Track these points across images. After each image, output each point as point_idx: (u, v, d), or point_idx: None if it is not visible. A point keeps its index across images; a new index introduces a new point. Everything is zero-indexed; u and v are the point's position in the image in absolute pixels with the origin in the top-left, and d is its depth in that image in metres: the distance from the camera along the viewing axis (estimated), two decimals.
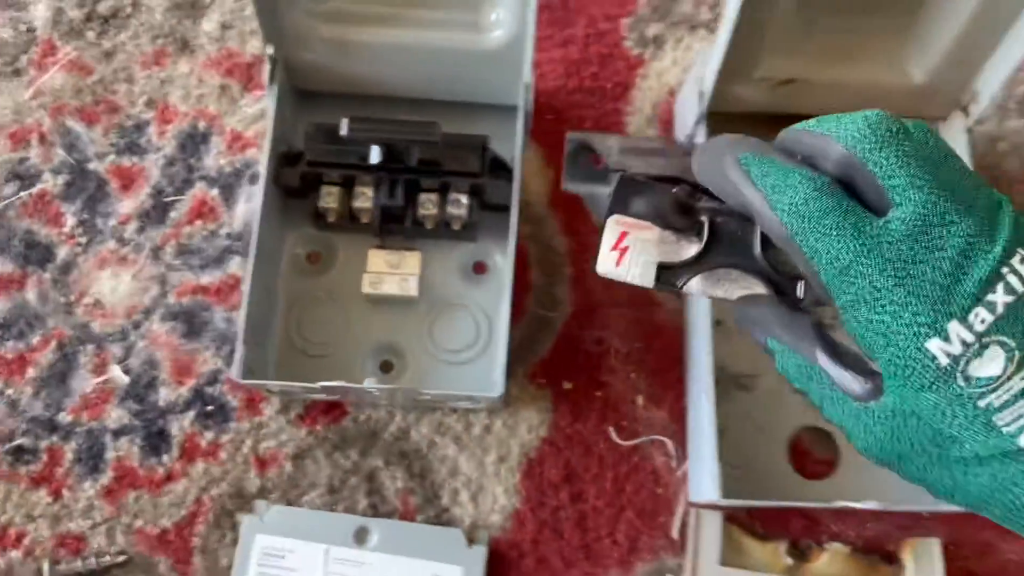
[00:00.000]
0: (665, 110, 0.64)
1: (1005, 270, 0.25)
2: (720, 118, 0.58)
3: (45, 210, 0.60)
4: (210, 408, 0.57)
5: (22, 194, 0.60)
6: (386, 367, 0.58)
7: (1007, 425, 0.25)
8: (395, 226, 0.58)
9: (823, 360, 0.29)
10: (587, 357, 0.59)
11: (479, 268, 0.60)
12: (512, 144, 0.57)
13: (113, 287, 0.59)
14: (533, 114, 0.63)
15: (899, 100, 0.57)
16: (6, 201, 0.60)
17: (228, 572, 0.54)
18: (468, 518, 0.56)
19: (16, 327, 0.58)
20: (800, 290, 0.31)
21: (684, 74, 0.65)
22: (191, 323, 0.59)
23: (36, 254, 0.59)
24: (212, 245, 0.60)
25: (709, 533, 0.55)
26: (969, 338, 0.25)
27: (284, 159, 0.57)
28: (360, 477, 0.56)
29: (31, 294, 0.59)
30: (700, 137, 0.57)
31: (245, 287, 0.52)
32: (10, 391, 0.57)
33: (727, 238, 0.31)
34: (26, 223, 0.60)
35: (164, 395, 0.57)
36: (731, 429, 0.58)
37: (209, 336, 0.58)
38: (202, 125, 0.62)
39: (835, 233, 0.26)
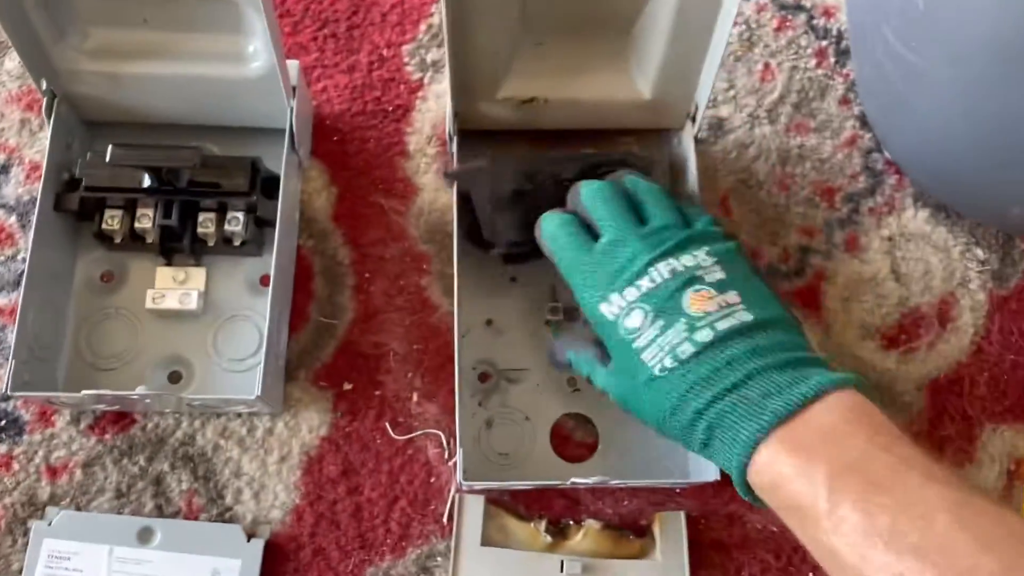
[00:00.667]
0: (443, 129, 0.69)
1: (651, 269, 0.47)
2: (475, 134, 0.64)
3: None
4: (2, 423, 0.61)
5: None
6: (174, 377, 0.62)
7: (650, 359, 0.45)
8: (178, 244, 0.62)
9: (586, 348, 0.52)
10: (367, 360, 0.64)
11: (265, 281, 0.65)
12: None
13: None
14: (315, 135, 0.68)
15: (634, 113, 0.63)
16: None
17: None
18: (250, 515, 0.60)
19: None
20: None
21: None
22: None
23: None
24: (8, 269, 0.64)
25: (471, 515, 0.60)
26: (622, 304, 0.47)
27: (67, 186, 0.61)
28: (147, 481, 0.60)
29: None
30: (454, 149, 0.62)
31: (19, 308, 0.56)
32: None
33: None
34: None
35: None
36: (499, 419, 0.63)
37: (3, 354, 0.62)
38: (1, 157, 0.66)
39: (568, 246, 0.51)
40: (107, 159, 0.57)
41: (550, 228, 0.52)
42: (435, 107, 0.70)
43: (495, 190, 0.59)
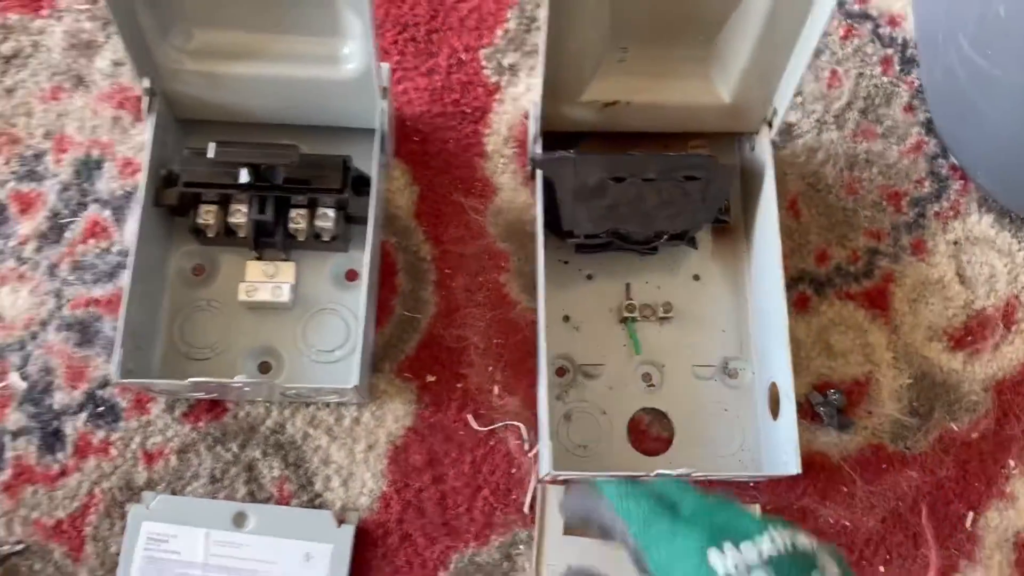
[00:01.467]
0: (520, 131, 0.72)
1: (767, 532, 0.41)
2: (556, 136, 0.66)
3: None
4: (101, 409, 0.63)
5: None
6: (264, 368, 0.65)
7: None
8: (269, 239, 0.65)
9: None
10: (449, 353, 0.66)
11: (351, 276, 0.67)
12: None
13: (12, 302, 0.65)
14: (397, 136, 0.70)
15: (713, 117, 0.66)
16: None
17: (117, 558, 0.60)
18: (339, 501, 0.62)
19: None
20: None
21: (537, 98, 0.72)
22: (84, 332, 0.64)
23: None
24: (104, 261, 0.66)
25: (554, 505, 0.62)
26: (739, 559, 0.40)
27: (165, 181, 0.63)
28: (239, 467, 0.63)
29: None
30: (538, 149, 0.64)
31: (124, 298, 0.58)
32: None
33: None
34: None
35: (59, 398, 0.63)
36: (578, 413, 0.65)
37: (100, 344, 0.64)
38: (96, 153, 0.69)
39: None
40: (210, 155, 0.59)
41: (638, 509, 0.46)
42: (511, 110, 0.72)
43: (579, 181, 0.61)
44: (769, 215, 0.64)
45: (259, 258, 0.66)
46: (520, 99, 0.73)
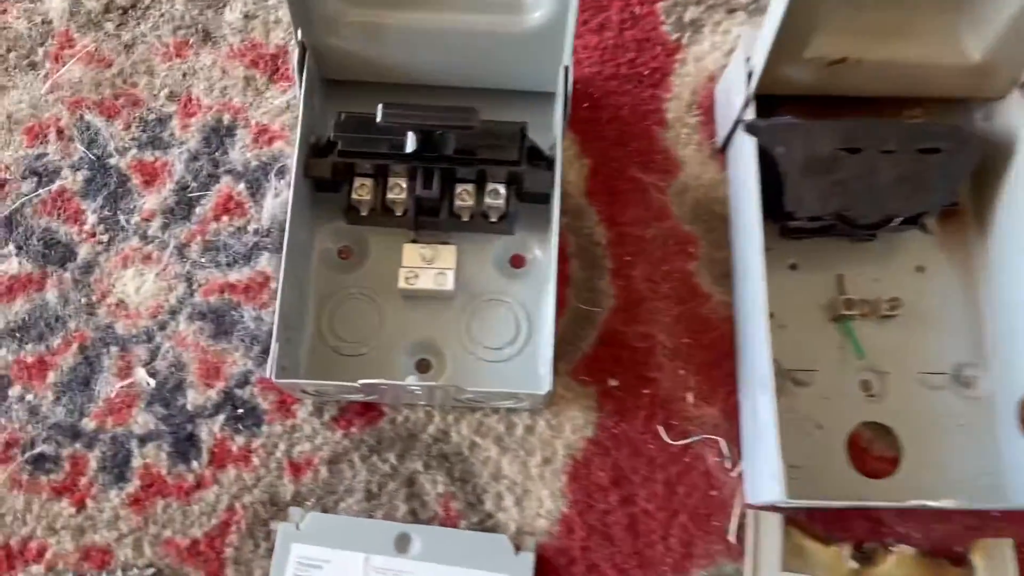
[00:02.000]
0: (705, 96, 0.62)
1: None
2: (766, 101, 0.56)
3: (64, 207, 0.58)
4: (240, 411, 0.55)
5: (40, 191, 0.59)
6: (423, 366, 0.56)
7: None
8: (430, 219, 0.56)
9: None
10: (632, 353, 0.57)
11: (517, 261, 0.58)
12: (548, 132, 0.56)
13: (137, 286, 0.57)
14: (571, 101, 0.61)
15: (954, 79, 0.56)
16: (24, 199, 0.58)
17: None
18: (513, 523, 0.54)
19: (36, 329, 0.56)
20: None
21: (724, 59, 0.63)
22: (219, 323, 0.57)
23: (56, 253, 0.58)
24: (239, 241, 0.58)
25: (769, 537, 0.53)
26: None
27: (314, 150, 0.55)
28: (399, 482, 0.54)
29: (51, 295, 0.57)
30: (749, 115, 0.55)
31: (279, 283, 0.50)
32: (30, 396, 0.55)
33: None
34: (45, 221, 0.58)
35: (192, 398, 0.55)
36: (787, 427, 0.55)
37: (238, 336, 0.56)
38: (226, 118, 0.61)
39: None
40: (379, 119, 0.51)
41: None
42: (695, 71, 0.63)
43: (808, 151, 0.52)
44: (1020, 195, 0.54)
45: (415, 240, 0.57)
46: (704, 59, 0.63)
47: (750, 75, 0.54)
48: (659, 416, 0.56)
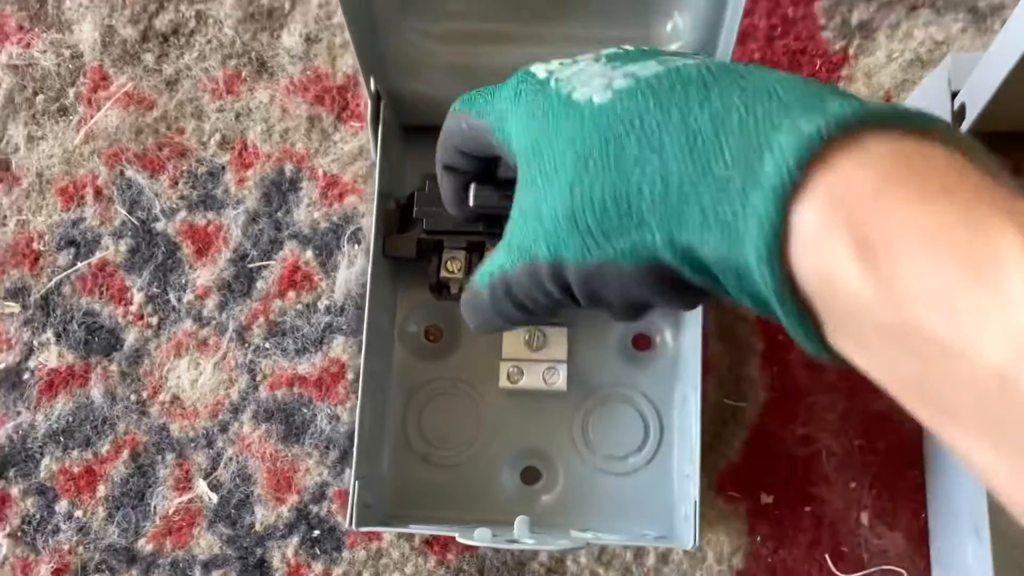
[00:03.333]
0: None
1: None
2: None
3: (107, 284, 0.50)
4: (317, 532, 0.47)
5: (79, 265, 0.51)
6: (530, 476, 0.47)
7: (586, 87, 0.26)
8: None
9: None
10: (791, 461, 0.47)
11: (641, 343, 0.48)
12: None
13: (193, 379, 0.49)
14: None
15: None
16: (62, 274, 0.50)
17: None
18: None
19: (81, 433, 0.49)
20: None
21: (904, 72, 0.50)
22: (289, 423, 0.48)
23: (99, 340, 0.50)
24: (309, 323, 0.49)
25: None
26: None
27: (393, 218, 0.45)
28: None
29: (96, 391, 0.49)
30: None
31: (359, 399, 0.41)
32: (79, 513, 0.48)
33: None
34: (86, 301, 0.50)
35: (261, 516, 0.47)
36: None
37: (312, 439, 0.48)
38: (289, 169, 0.51)
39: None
40: (470, 203, 0.40)
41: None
42: (866, 91, 0.50)
43: None
44: None
45: None
46: (879, 74, 0.50)
47: (960, 115, 0.41)
48: (826, 542, 0.46)
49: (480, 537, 0.38)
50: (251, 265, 0.50)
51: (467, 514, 0.45)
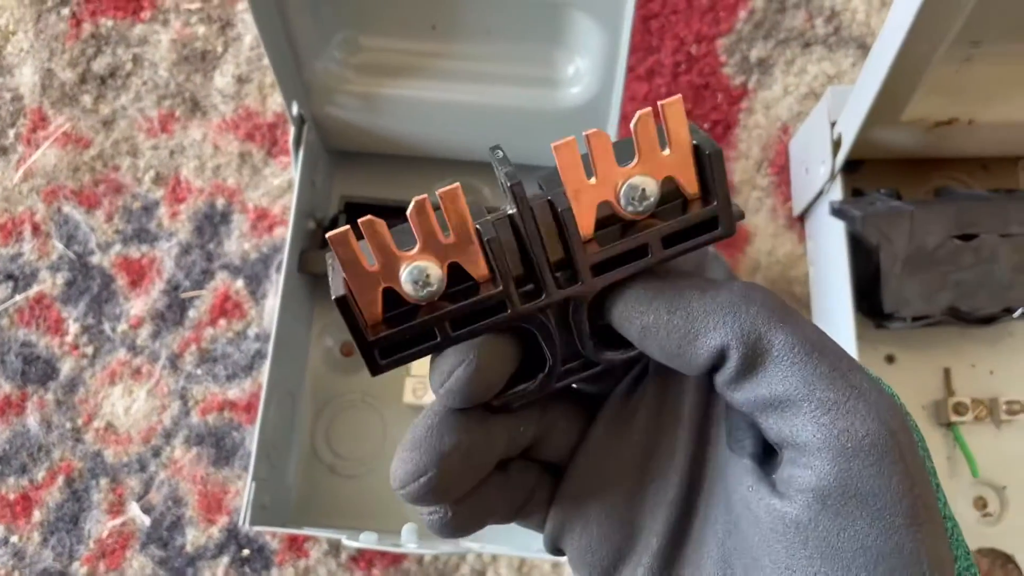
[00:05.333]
0: (779, 152, 0.54)
1: None
2: (853, 167, 0.48)
3: (44, 316, 0.53)
4: (247, 552, 0.50)
5: (16, 298, 0.53)
6: None
7: None
8: None
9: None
10: None
11: None
12: None
13: (127, 406, 0.52)
14: None
15: None
16: (0, 307, 0.53)
17: None
18: None
19: (17, 460, 0.51)
20: None
21: (800, 104, 0.55)
22: (220, 446, 0.51)
23: (36, 370, 0.52)
24: (239, 349, 0.52)
25: None
26: None
27: (314, 239, 0.49)
28: None
29: (32, 419, 0.52)
30: (835, 195, 0.47)
31: (260, 410, 0.44)
32: (14, 538, 0.50)
33: None
34: (23, 333, 0.53)
35: (192, 537, 0.50)
36: None
37: (241, 462, 0.51)
38: (221, 203, 0.54)
39: None
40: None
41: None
42: (764, 122, 0.55)
43: (915, 243, 0.44)
44: None
45: None
46: (776, 106, 0.55)
47: (837, 143, 0.46)
48: None
49: (365, 540, 0.41)
50: (183, 295, 0.53)
51: (370, 523, 0.48)
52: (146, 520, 0.50)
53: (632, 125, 0.17)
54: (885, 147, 0.47)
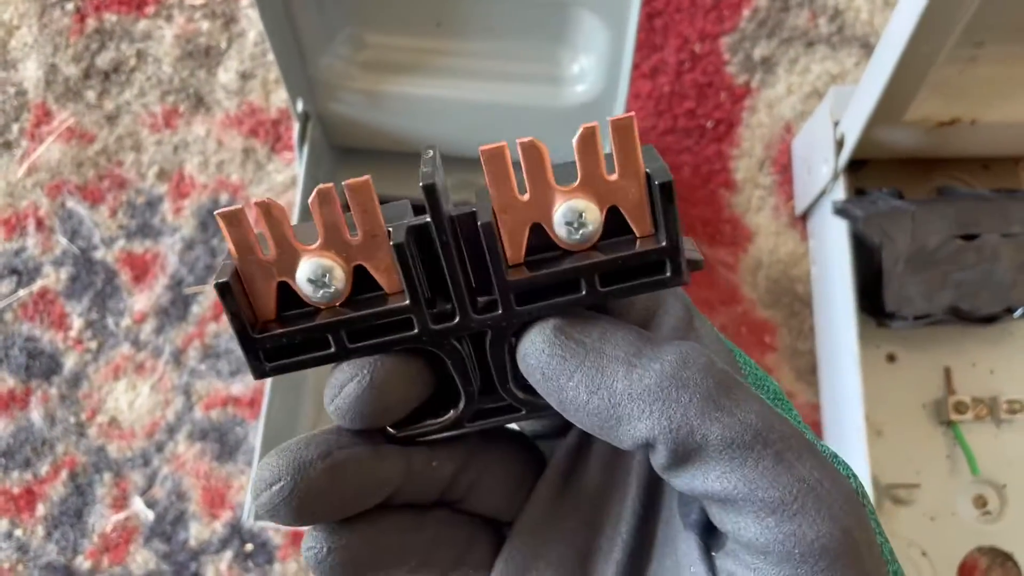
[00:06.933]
0: (781, 151, 0.55)
1: None
2: (856, 166, 0.49)
3: (48, 311, 0.54)
4: (250, 547, 0.50)
5: (20, 292, 0.54)
6: None
7: None
8: None
9: None
10: None
11: None
12: None
13: (130, 401, 0.52)
14: None
15: None
16: (3, 302, 0.54)
17: None
18: None
19: (21, 454, 0.52)
20: None
21: (803, 104, 0.55)
22: (223, 442, 0.52)
23: (40, 365, 0.53)
24: None
25: None
26: None
27: None
28: None
29: (36, 414, 0.52)
30: (838, 194, 0.48)
31: (264, 403, 0.45)
32: (19, 532, 0.51)
33: None
34: (26, 327, 0.53)
35: (195, 532, 0.50)
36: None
37: (245, 457, 0.51)
38: (224, 198, 0.55)
39: None
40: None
41: None
42: (768, 120, 0.55)
43: (916, 243, 0.45)
44: None
45: None
46: (779, 105, 0.55)
47: (840, 143, 0.46)
48: None
49: None
50: (187, 291, 0.54)
51: None
52: (150, 515, 0.51)
53: (574, 141, 0.15)
54: (887, 147, 0.48)
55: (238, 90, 0.57)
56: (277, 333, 0.16)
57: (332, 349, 0.16)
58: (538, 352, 0.16)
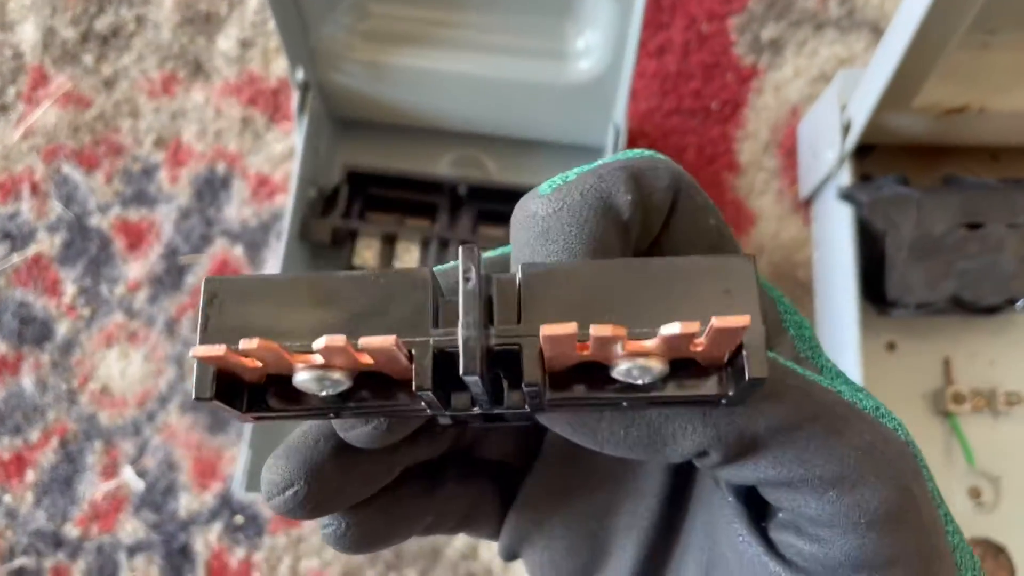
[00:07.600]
0: (787, 135, 0.54)
1: None
2: (863, 152, 0.49)
3: (41, 277, 0.53)
4: (240, 518, 0.50)
5: (14, 258, 0.54)
6: None
7: None
8: None
9: None
10: None
11: None
12: None
13: (122, 369, 0.52)
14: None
15: None
16: None
17: None
18: None
19: (12, 420, 0.52)
20: None
21: (810, 87, 0.55)
22: (215, 413, 0.51)
23: (32, 331, 0.53)
24: None
25: None
26: None
27: (315, 207, 0.49)
28: None
29: (28, 380, 0.52)
30: (843, 179, 0.47)
31: None
32: (8, 498, 0.51)
33: None
34: (19, 293, 0.53)
35: (185, 502, 0.50)
36: None
37: (236, 428, 0.51)
38: (221, 168, 0.54)
39: None
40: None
41: None
42: (774, 103, 0.55)
43: (921, 230, 0.44)
44: None
45: None
46: (786, 88, 0.55)
47: (847, 127, 0.46)
48: None
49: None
50: (182, 260, 0.53)
51: None
52: (140, 484, 0.51)
53: (667, 331, 0.12)
54: (894, 133, 0.47)
55: (238, 58, 0.56)
56: (271, 416, 0.14)
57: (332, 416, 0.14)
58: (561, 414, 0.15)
